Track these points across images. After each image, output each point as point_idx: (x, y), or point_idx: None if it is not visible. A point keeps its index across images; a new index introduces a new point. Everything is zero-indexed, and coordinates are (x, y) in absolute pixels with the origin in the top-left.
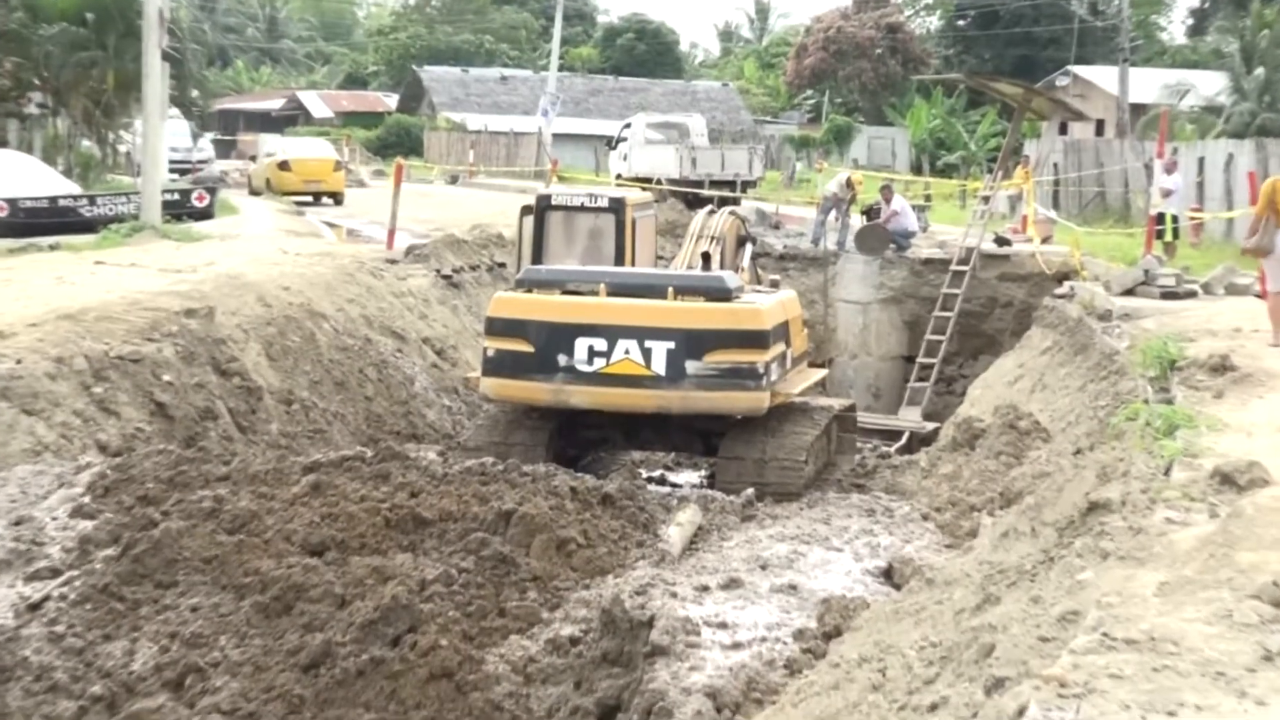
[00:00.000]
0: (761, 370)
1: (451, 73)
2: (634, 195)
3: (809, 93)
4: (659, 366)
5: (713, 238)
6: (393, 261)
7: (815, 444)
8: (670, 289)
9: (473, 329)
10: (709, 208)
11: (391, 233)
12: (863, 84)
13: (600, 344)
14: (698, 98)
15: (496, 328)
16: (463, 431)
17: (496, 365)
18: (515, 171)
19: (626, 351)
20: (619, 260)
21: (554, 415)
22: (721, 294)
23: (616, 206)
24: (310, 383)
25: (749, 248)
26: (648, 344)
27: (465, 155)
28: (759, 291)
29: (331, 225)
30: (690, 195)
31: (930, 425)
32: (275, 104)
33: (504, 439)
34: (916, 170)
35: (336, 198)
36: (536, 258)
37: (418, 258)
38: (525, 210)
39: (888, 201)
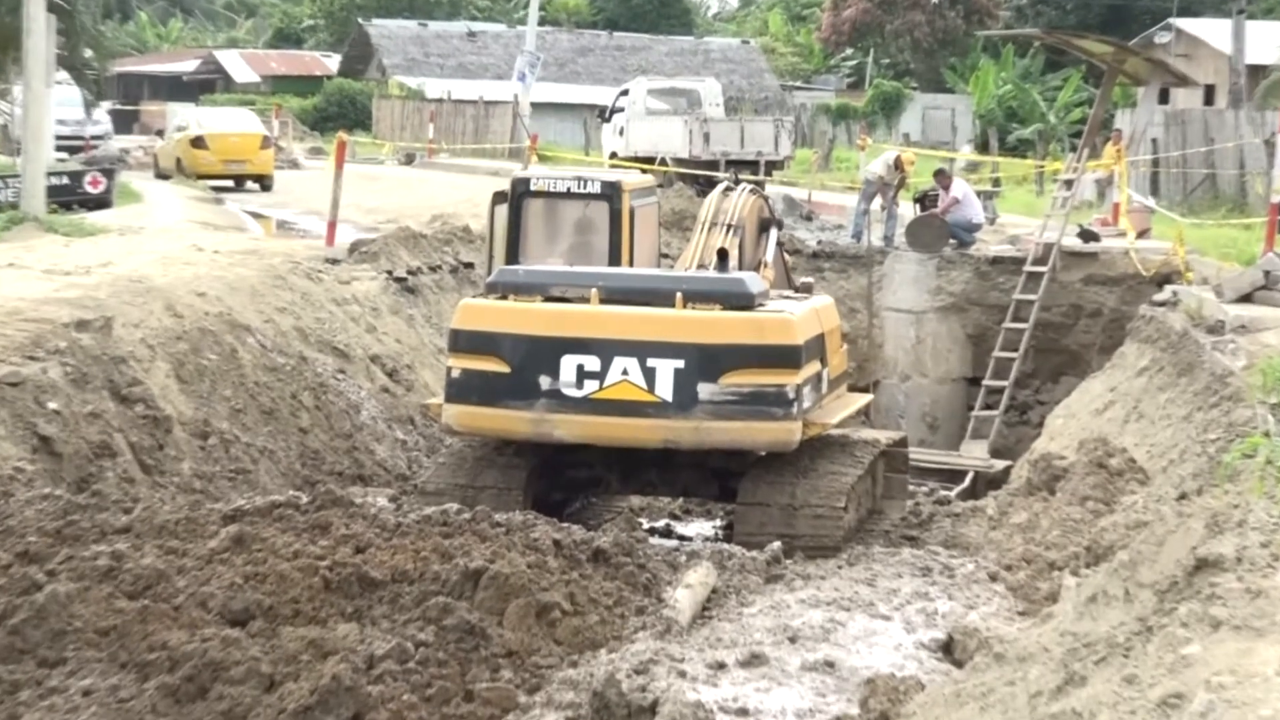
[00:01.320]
0: (791, 395)
1: (406, 28)
2: (632, 178)
3: (849, 52)
4: (665, 390)
5: (729, 226)
6: (334, 261)
7: (857, 487)
8: (678, 294)
9: (433, 344)
10: (724, 184)
11: (332, 225)
12: (915, 41)
13: (592, 363)
14: (711, 58)
15: (462, 343)
16: (420, 471)
17: (462, 389)
18: (485, 149)
19: (624, 372)
20: (614, 259)
21: (534, 451)
22: (742, 300)
23: (611, 192)
24: (231, 411)
25: (773, 234)
26: (651, 363)
27: (423, 129)
28: (788, 297)
29: (258, 216)
30: (702, 178)
31: (999, 464)
32: (188, 66)
33: (471, 481)
34: (982, 148)
35: (264, 182)
36: (512, 256)
37: (365, 256)
38: (498, 197)
39: (946, 187)
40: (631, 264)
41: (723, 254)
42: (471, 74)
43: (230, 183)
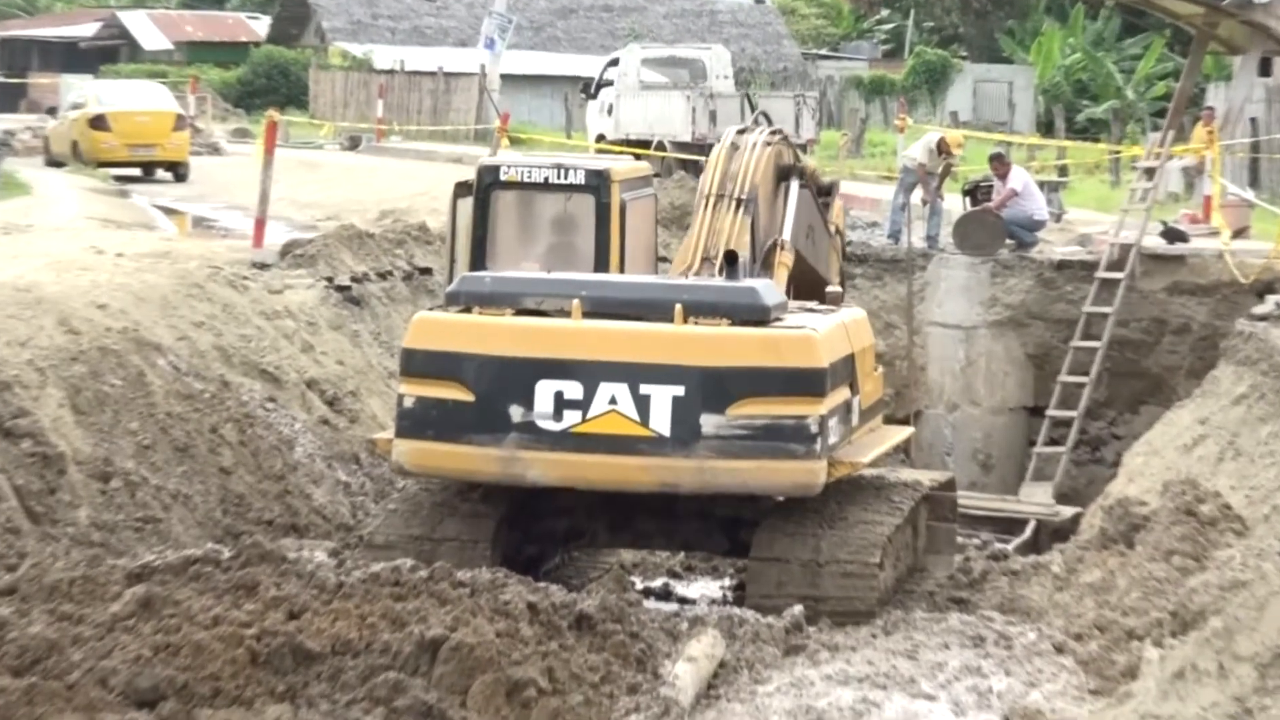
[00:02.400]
0: (814, 429)
1: None
2: (623, 166)
3: (884, 14)
4: (661, 423)
5: (739, 200)
6: (262, 266)
7: (894, 539)
8: (677, 306)
9: (383, 367)
10: (732, 134)
11: (260, 223)
12: (964, 1)
13: (573, 389)
14: (719, 20)
15: (417, 365)
16: (367, 520)
17: (416, 422)
18: (446, 131)
19: (613, 401)
20: (601, 263)
21: (504, 496)
22: (754, 314)
23: (597, 183)
24: (138, 448)
25: (794, 189)
26: (644, 389)
27: (371, 107)
28: (811, 311)
29: (170, 212)
30: None
31: (1067, 511)
32: (85, 30)
33: (429, 532)
34: (1046, 129)
35: (178, 170)
36: (478, 260)
37: (300, 261)
38: (462, 189)
39: (1002, 176)
40: (622, 269)
41: (731, 257)
42: (429, 40)
43: (137, 171)
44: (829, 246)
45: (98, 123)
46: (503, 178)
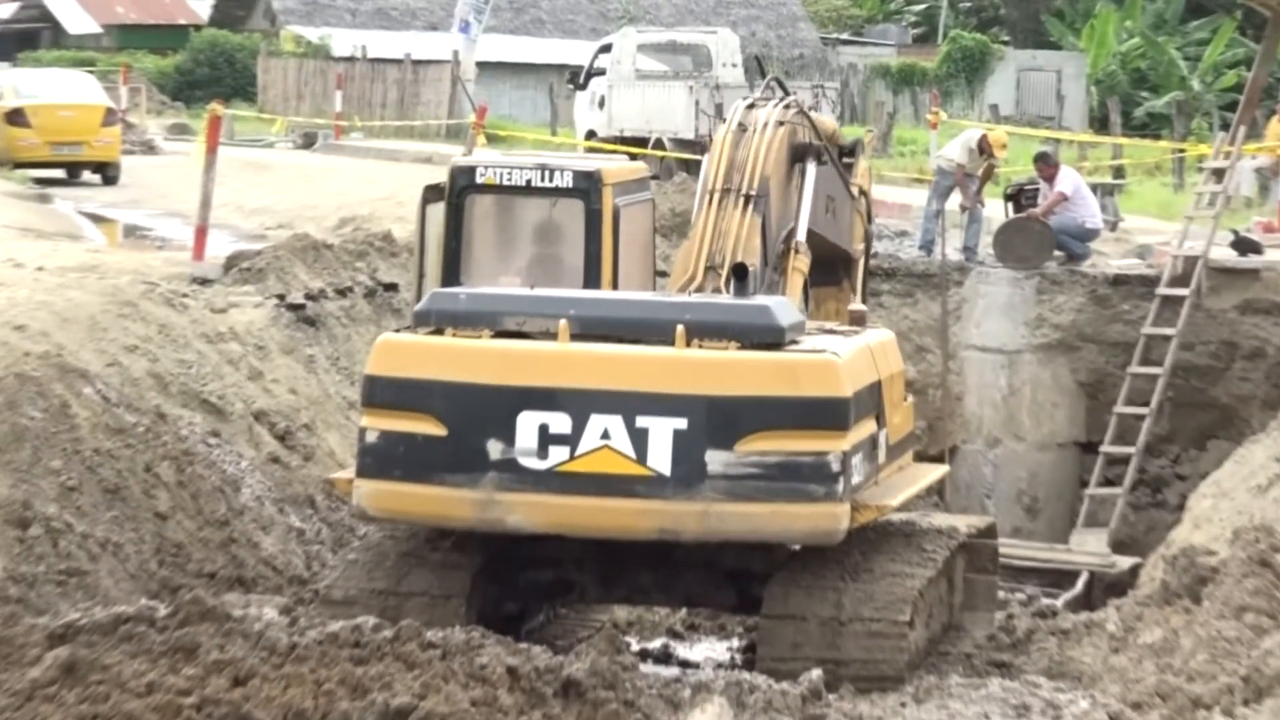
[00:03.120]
0: (836, 467)
1: None
2: (617, 167)
3: None
4: (660, 461)
5: (748, 196)
6: (204, 281)
7: (927, 594)
8: (679, 327)
9: (342, 396)
10: (741, 108)
11: (201, 232)
12: None
13: (560, 422)
14: (726, 1)
15: (382, 395)
16: (324, 572)
17: (381, 459)
18: (414, 127)
19: (605, 435)
20: (591, 277)
21: (481, 545)
22: (767, 335)
23: (587, 186)
24: (61, 489)
25: (810, 173)
26: (641, 422)
27: (329, 99)
28: (832, 332)
29: (99, 219)
30: None
31: (1124, 561)
32: (1, 11)
33: (394, 585)
34: (1100, 124)
35: (107, 171)
36: (450, 274)
37: (247, 275)
38: (432, 194)
39: (1050, 178)
40: (616, 285)
41: (740, 271)
42: (395, 23)
43: (61, 173)
44: (852, 212)
45: (15, 118)
46: (479, 180)
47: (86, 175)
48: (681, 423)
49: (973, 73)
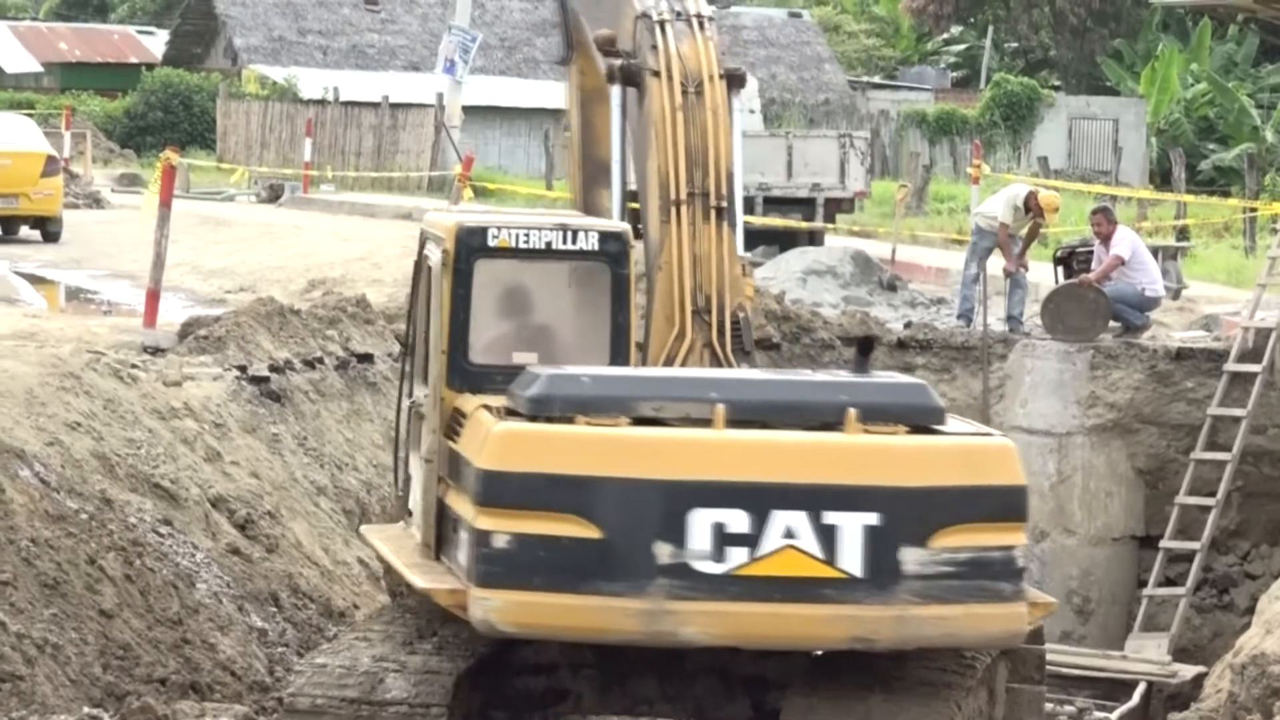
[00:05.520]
0: (1020, 562)
1: None
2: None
3: (955, 31)
4: (852, 561)
5: (718, 209)
6: (156, 351)
7: (965, 706)
8: (851, 410)
9: (309, 481)
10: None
11: (153, 296)
12: (1058, 14)
13: (739, 521)
14: (744, 39)
15: (513, 494)
16: (288, 678)
17: (517, 567)
18: (392, 179)
19: (790, 534)
20: (620, 350)
21: (463, 648)
22: (930, 416)
23: (616, 249)
24: None
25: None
26: (829, 518)
27: (297, 147)
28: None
29: (38, 281)
30: None
31: (1187, 670)
32: None
33: (368, 693)
34: (1161, 179)
35: (48, 227)
36: (459, 347)
37: (204, 344)
38: (427, 248)
39: (1105, 238)
40: (646, 359)
41: (867, 344)
42: (372, 62)
43: None
44: None
45: None
46: (491, 243)
47: (24, 231)
48: (873, 518)
49: (1019, 121)
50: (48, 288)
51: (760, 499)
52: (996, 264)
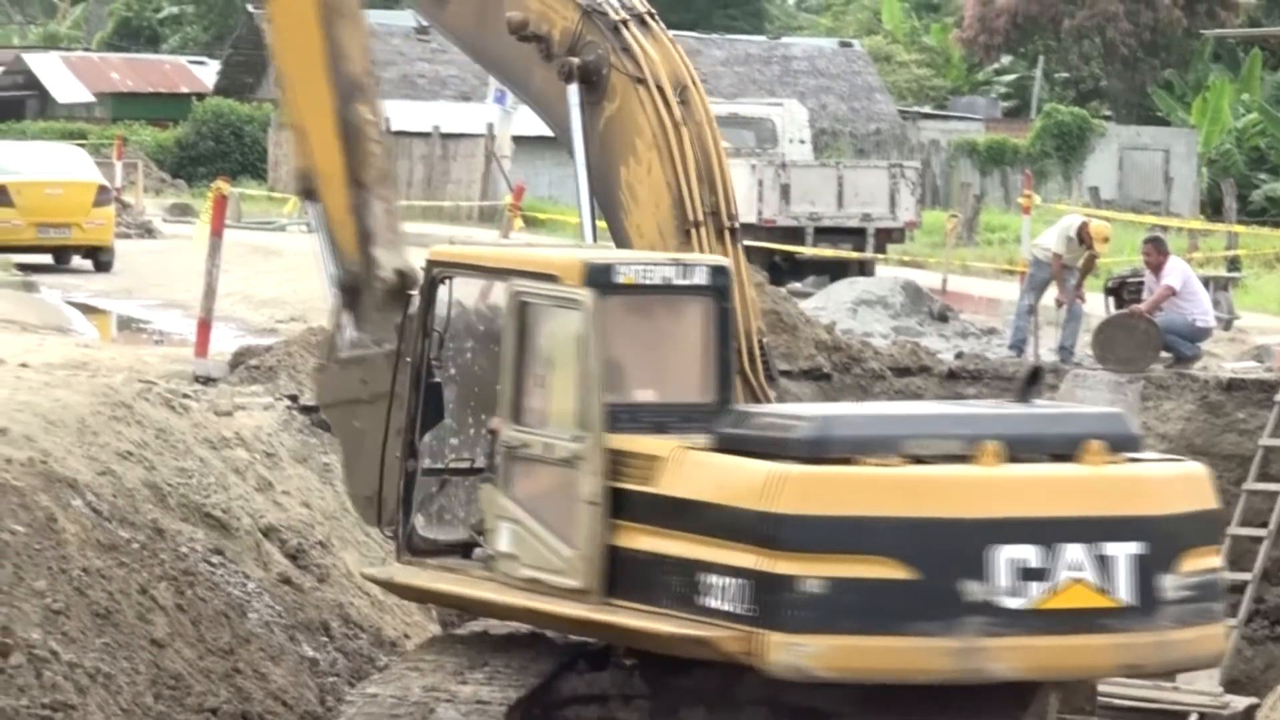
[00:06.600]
0: (1222, 584)
1: None
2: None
3: (1006, 61)
4: (1125, 590)
5: (731, 230)
6: (207, 381)
7: None
8: (1095, 442)
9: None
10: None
11: (205, 326)
12: (1109, 45)
13: (1033, 556)
14: (794, 69)
15: (823, 538)
16: (339, 708)
17: (831, 611)
18: (443, 208)
19: (1076, 567)
20: (725, 384)
21: (515, 679)
22: (1132, 444)
23: (722, 284)
24: (45, 613)
25: None
26: (1105, 549)
27: None
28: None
29: (90, 310)
30: (779, 256)
31: (1239, 702)
32: None
33: None
34: (1212, 209)
35: (100, 257)
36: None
37: (256, 374)
38: (517, 283)
39: (1156, 268)
40: (736, 389)
41: (1036, 375)
42: (422, 92)
43: (48, 258)
44: None
45: None
46: (618, 280)
47: (76, 261)
48: (1139, 547)
49: (1070, 151)
50: (99, 317)
51: (1049, 533)
52: (1050, 295)
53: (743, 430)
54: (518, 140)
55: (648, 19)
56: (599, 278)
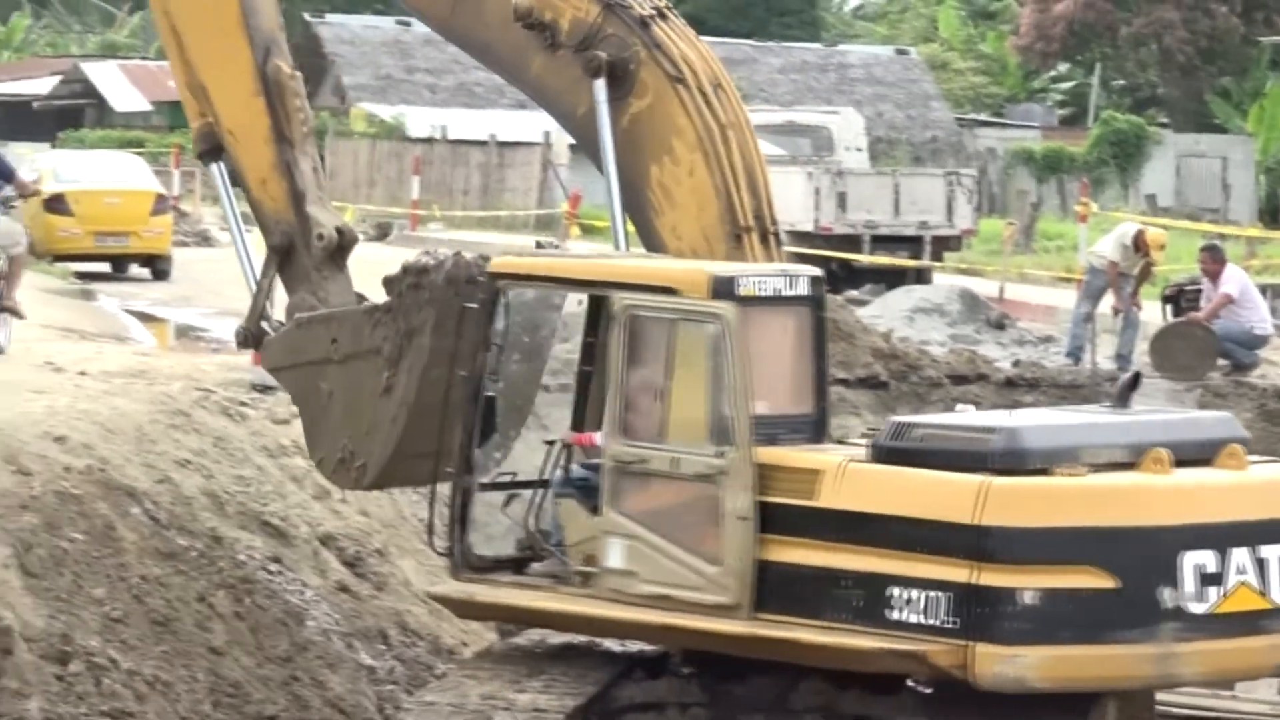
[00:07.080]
0: None
1: (377, 28)
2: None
3: (1062, 69)
4: (1277, 591)
5: (775, 235)
6: (265, 389)
7: None
8: (1238, 446)
9: (416, 518)
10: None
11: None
12: (1166, 52)
13: (1211, 561)
14: (850, 77)
15: (1033, 549)
16: (398, 716)
17: (1047, 622)
18: (499, 217)
19: (1241, 570)
20: (821, 393)
21: (572, 686)
22: (1246, 446)
23: (821, 294)
24: (105, 621)
25: None
26: (1263, 552)
27: (404, 185)
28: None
29: (148, 319)
30: (835, 263)
31: None
32: (40, 86)
33: None
34: (1270, 218)
35: (157, 265)
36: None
37: None
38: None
39: (1213, 276)
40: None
41: (1135, 380)
42: (479, 100)
43: (106, 266)
44: None
45: (55, 205)
46: (740, 292)
47: (134, 269)
48: None
49: (1127, 159)
50: (157, 325)
51: (1224, 538)
52: (1107, 303)
53: (912, 443)
54: (574, 148)
55: (667, 13)
56: (726, 290)
